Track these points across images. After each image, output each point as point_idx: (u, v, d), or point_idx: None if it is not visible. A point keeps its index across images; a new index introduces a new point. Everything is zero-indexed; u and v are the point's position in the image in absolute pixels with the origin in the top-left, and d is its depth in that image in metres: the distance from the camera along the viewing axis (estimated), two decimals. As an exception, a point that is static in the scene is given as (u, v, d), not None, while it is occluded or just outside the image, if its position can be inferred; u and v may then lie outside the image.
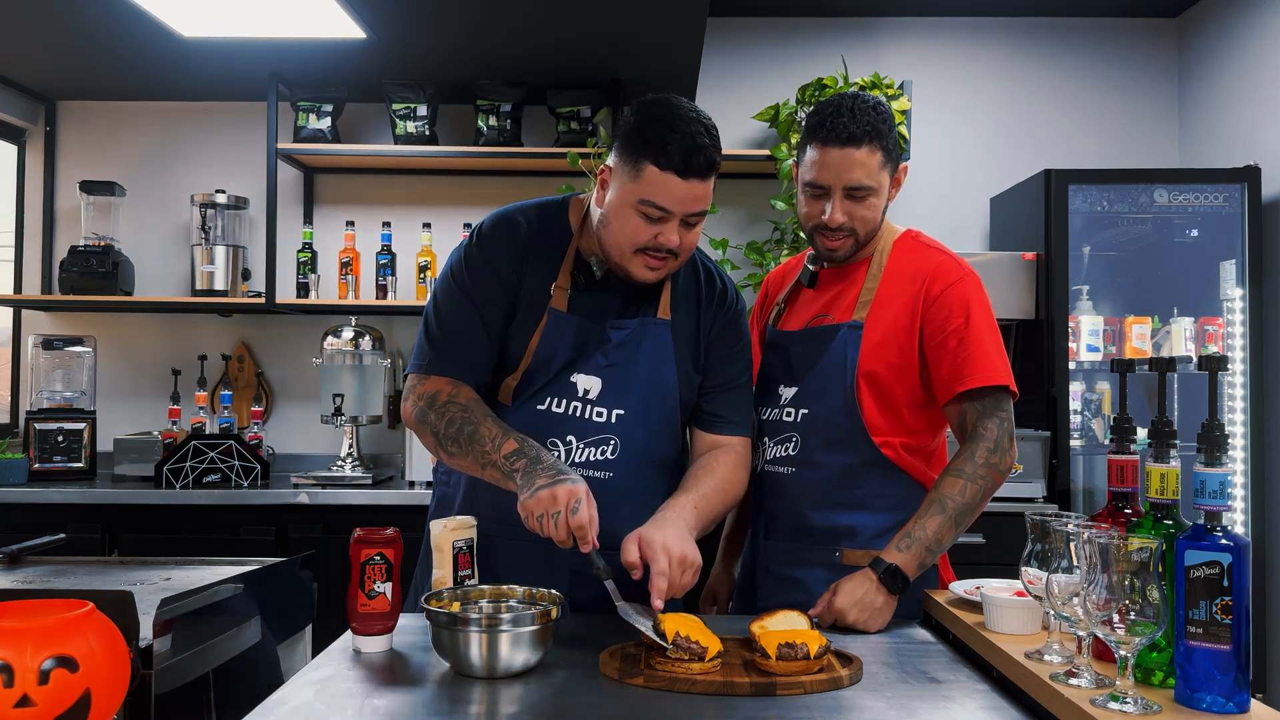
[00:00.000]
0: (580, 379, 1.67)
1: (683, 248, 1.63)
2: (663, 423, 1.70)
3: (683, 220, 1.60)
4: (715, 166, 1.58)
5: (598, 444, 1.66)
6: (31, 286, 3.83)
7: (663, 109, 1.57)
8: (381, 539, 1.47)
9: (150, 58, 3.34)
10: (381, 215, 3.76)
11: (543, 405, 1.66)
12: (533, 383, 1.67)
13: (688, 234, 1.62)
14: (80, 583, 1.73)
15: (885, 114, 1.74)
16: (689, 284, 1.77)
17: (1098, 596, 1.08)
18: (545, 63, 3.39)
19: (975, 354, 1.70)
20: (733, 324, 1.78)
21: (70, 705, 1.04)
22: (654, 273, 1.64)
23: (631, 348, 1.68)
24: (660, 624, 1.38)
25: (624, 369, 1.67)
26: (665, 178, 1.55)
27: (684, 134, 1.54)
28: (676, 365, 1.70)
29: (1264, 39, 3.32)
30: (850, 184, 1.73)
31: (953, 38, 3.86)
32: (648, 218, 1.58)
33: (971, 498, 1.68)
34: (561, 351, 1.67)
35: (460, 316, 1.67)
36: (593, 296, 1.69)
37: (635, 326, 1.68)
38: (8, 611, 1.12)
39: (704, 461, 1.72)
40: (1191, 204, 3.33)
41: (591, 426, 1.66)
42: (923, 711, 1.22)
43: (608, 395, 1.66)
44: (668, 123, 1.54)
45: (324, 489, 3.17)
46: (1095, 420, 3.47)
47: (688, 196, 1.57)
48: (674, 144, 1.53)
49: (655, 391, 1.68)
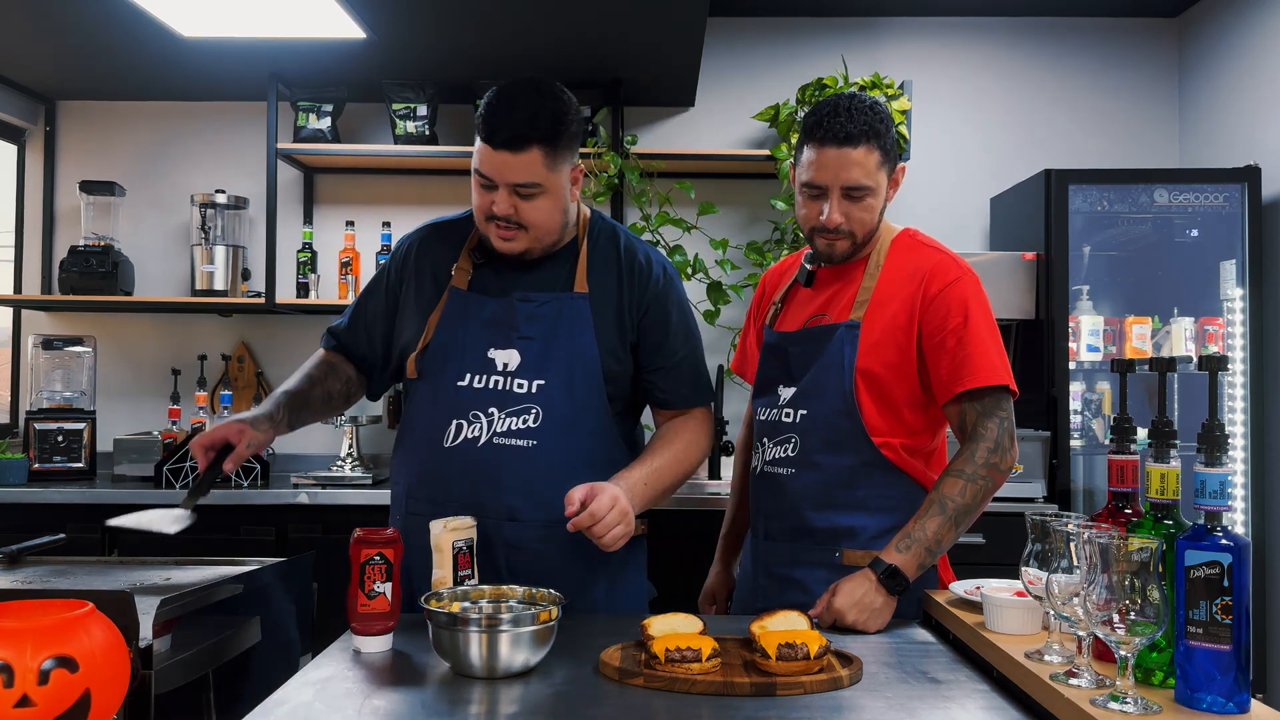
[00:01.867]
0: (497, 354, 1.76)
1: (526, 221, 1.72)
2: (586, 391, 1.76)
3: (514, 190, 1.70)
4: (526, 141, 1.67)
5: (519, 413, 1.73)
6: (31, 286, 3.83)
7: (503, 87, 1.71)
8: (381, 539, 1.47)
9: (150, 58, 3.34)
10: (381, 215, 3.76)
11: (463, 381, 1.75)
12: (444, 358, 1.77)
13: (524, 205, 1.71)
14: (80, 583, 1.73)
15: (883, 114, 1.74)
16: (607, 258, 1.83)
17: (1098, 596, 1.08)
18: (545, 63, 3.38)
19: (974, 353, 1.70)
20: (661, 301, 1.83)
21: (70, 705, 1.04)
22: (507, 243, 1.75)
23: (550, 321, 1.77)
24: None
25: (543, 341, 1.76)
26: (484, 148, 1.69)
27: (499, 110, 1.67)
28: (596, 336, 1.77)
29: (1264, 39, 3.32)
30: (847, 184, 1.72)
31: (953, 38, 3.86)
32: (481, 185, 1.72)
33: (972, 498, 1.67)
34: (467, 326, 1.78)
35: (350, 310, 1.96)
36: (499, 275, 1.81)
37: (550, 300, 1.78)
38: (8, 611, 1.12)
39: (663, 432, 1.85)
40: (1191, 204, 3.33)
41: (512, 397, 1.74)
42: (923, 711, 1.22)
43: (528, 367, 1.75)
44: (493, 98, 1.69)
45: (324, 489, 3.16)
46: (1095, 420, 3.47)
47: (502, 165, 1.68)
48: (487, 118, 1.68)
49: (576, 361, 1.76)
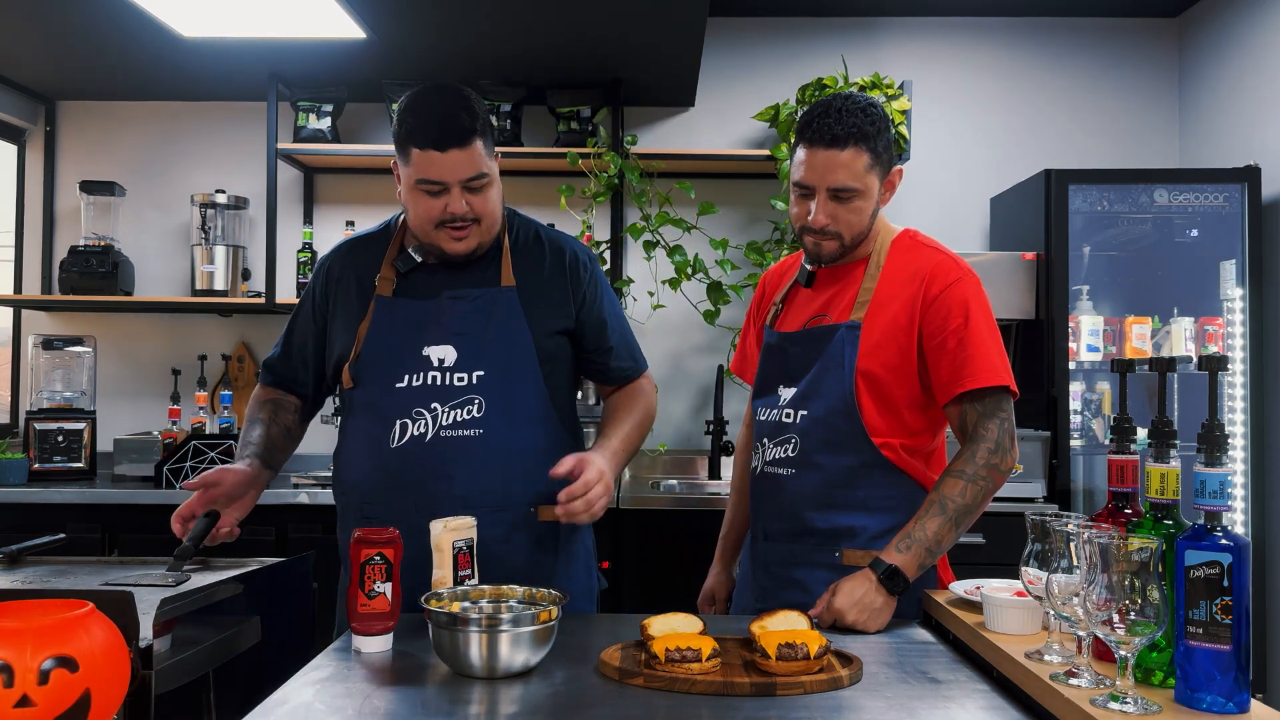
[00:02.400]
0: (432, 350, 1.78)
1: (479, 213, 1.75)
2: (525, 378, 1.80)
3: (464, 187, 1.72)
4: (471, 133, 1.69)
5: (462, 405, 1.76)
6: (31, 286, 3.83)
7: (416, 98, 1.73)
8: (381, 539, 1.47)
9: (150, 58, 3.34)
10: (381, 215, 3.69)
11: (401, 383, 1.77)
12: (379, 364, 1.79)
13: (475, 199, 1.74)
14: (80, 583, 1.73)
15: (875, 116, 1.72)
16: (531, 251, 1.88)
17: (1098, 596, 1.07)
18: (545, 63, 3.39)
19: (975, 354, 1.69)
20: (594, 291, 1.89)
21: (70, 705, 1.04)
22: (462, 243, 1.77)
23: (482, 315, 1.80)
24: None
25: (478, 335, 1.78)
26: (428, 155, 1.69)
27: (432, 114, 1.69)
28: (529, 324, 1.81)
29: (1264, 39, 3.32)
30: (834, 185, 1.72)
31: (953, 38, 3.86)
32: (429, 193, 1.72)
33: (972, 499, 1.67)
34: (397, 330, 1.80)
35: (279, 341, 1.98)
36: (425, 278, 1.84)
37: (481, 295, 1.81)
38: (8, 611, 1.12)
39: (620, 400, 1.94)
40: (1191, 204, 3.33)
41: (453, 391, 1.76)
42: (923, 711, 1.22)
43: (465, 360, 1.77)
44: (417, 109, 1.71)
45: (324, 489, 3.16)
46: (1095, 420, 3.47)
47: (453, 165, 1.69)
48: (424, 125, 1.69)
49: (512, 350, 1.79)
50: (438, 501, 1.70)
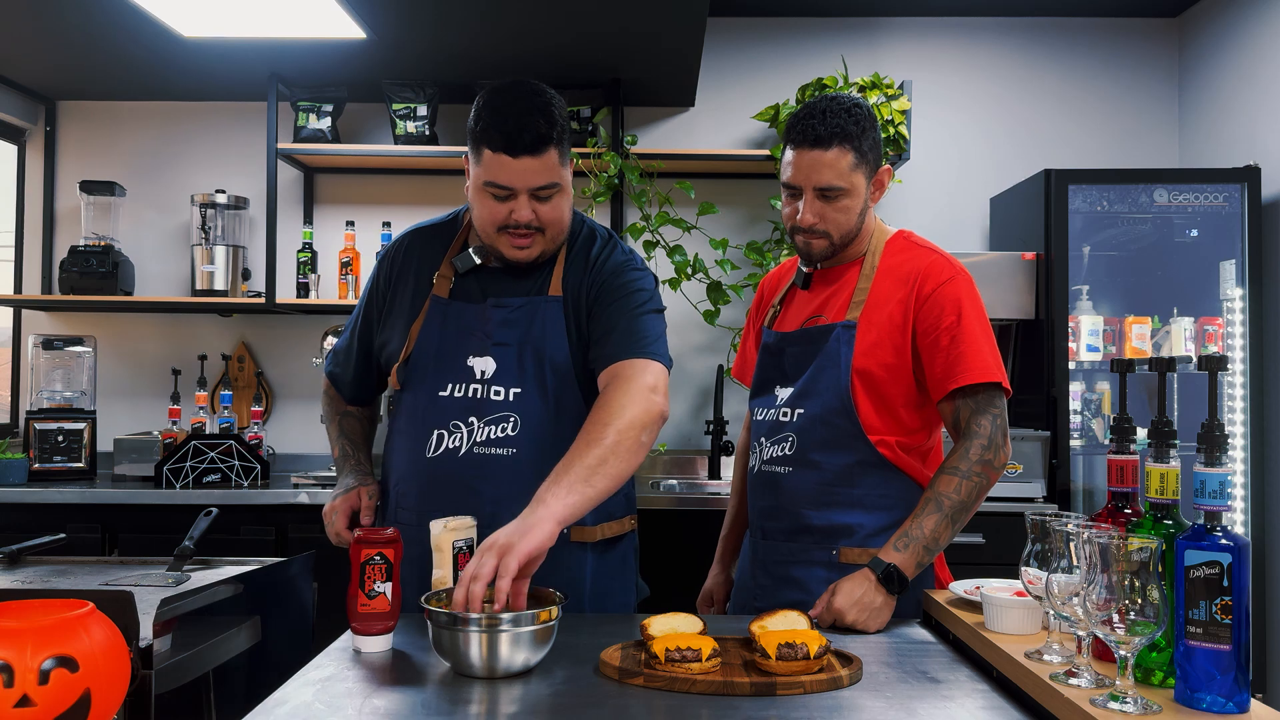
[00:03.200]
0: (475, 361, 1.74)
1: (544, 222, 1.69)
2: (563, 397, 1.73)
3: (533, 194, 1.67)
4: (547, 141, 1.63)
5: (497, 422, 1.71)
6: (31, 286, 3.83)
7: (495, 96, 1.66)
8: (381, 539, 1.47)
9: (150, 58, 3.34)
10: (381, 215, 3.76)
11: (444, 391, 1.74)
12: (426, 368, 1.75)
13: (543, 207, 1.68)
14: (80, 583, 1.73)
15: (860, 116, 1.75)
16: (582, 256, 1.80)
17: (1098, 596, 1.08)
18: (545, 63, 3.39)
19: (967, 351, 1.71)
20: (615, 274, 1.75)
21: (70, 705, 1.04)
22: (524, 251, 1.71)
23: (522, 326, 1.74)
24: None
25: (516, 347, 1.73)
26: (499, 158, 1.63)
27: (509, 117, 1.62)
28: (570, 340, 1.74)
29: (1264, 39, 3.32)
30: (819, 184, 1.75)
31: (953, 38, 3.86)
32: (496, 197, 1.67)
33: (967, 495, 1.68)
34: (447, 335, 1.75)
35: (349, 325, 1.93)
36: (479, 282, 1.78)
37: (523, 304, 1.75)
38: (8, 611, 1.12)
39: (592, 418, 1.58)
40: (1191, 204, 3.33)
41: (490, 405, 1.71)
42: (923, 711, 1.22)
43: (503, 374, 1.72)
44: (495, 108, 1.64)
45: (324, 489, 3.16)
46: (1095, 420, 3.47)
47: (524, 172, 1.64)
48: (499, 127, 1.62)
49: (551, 367, 1.73)
50: (464, 515, 1.66)
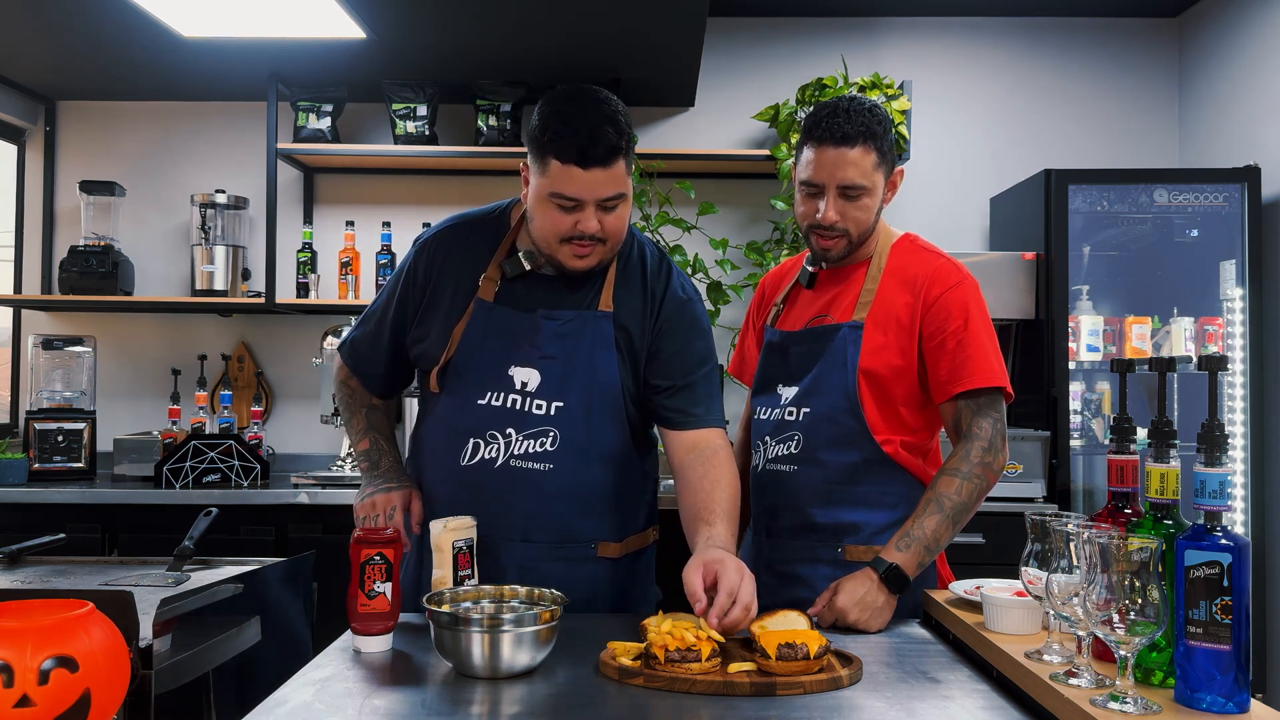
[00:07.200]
0: (517, 371, 1.69)
1: (608, 232, 1.65)
2: (605, 415, 1.69)
3: (599, 205, 1.62)
4: (617, 152, 1.59)
5: (536, 436, 1.67)
6: (31, 286, 3.83)
7: (562, 104, 1.61)
8: (381, 539, 1.47)
9: (150, 58, 3.34)
10: (381, 215, 3.76)
11: (483, 399, 1.69)
12: (466, 373, 1.70)
13: (608, 218, 1.64)
14: (80, 583, 1.73)
15: (881, 116, 1.77)
16: (634, 272, 1.76)
17: (1098, 596, 1.08)
18: (545, 63, 3.39)
19: (973, 355, 1.73)
20: (681, 311, 1.75)
21: (70, 705, 1.04)
22: (584, 260, 1.66)
23: (571, 340, 1.69)
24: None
25: (564, 361, 1.68)
26: (569, 170, 1.58)
27: (579, 127, 1.57)
28: (619, 357, 1.70)
29: (1264, 39, 3.32)
30: (843, 183, 1.75)
31: (953, 38, 3.86)
32: (562, 208, 1.62)
33: (968, 496, 1.70)
34: (489, 341, 1.70)
35: (374, 314, 1.84)
36: (526, 288, 1.73)
37: (573, 318, 1.70)
38: (8, 611, 1.12)
39: (702, 475, 1.66)
40: (1191, 204, 3.33)
41: (530, 419, 1.67)
42: (923, 711, 1.22)
43: (547, 388, 1.68)
44: (564, 118, 1.58)
45: (324, 489, 3.16)
46: (1095, 420, 3.47)
47: (594, 184, 1.59)
48: (570, 138, 1.57)
49: (596, 384, 1.69)
50: (495, 526, 1.66)
